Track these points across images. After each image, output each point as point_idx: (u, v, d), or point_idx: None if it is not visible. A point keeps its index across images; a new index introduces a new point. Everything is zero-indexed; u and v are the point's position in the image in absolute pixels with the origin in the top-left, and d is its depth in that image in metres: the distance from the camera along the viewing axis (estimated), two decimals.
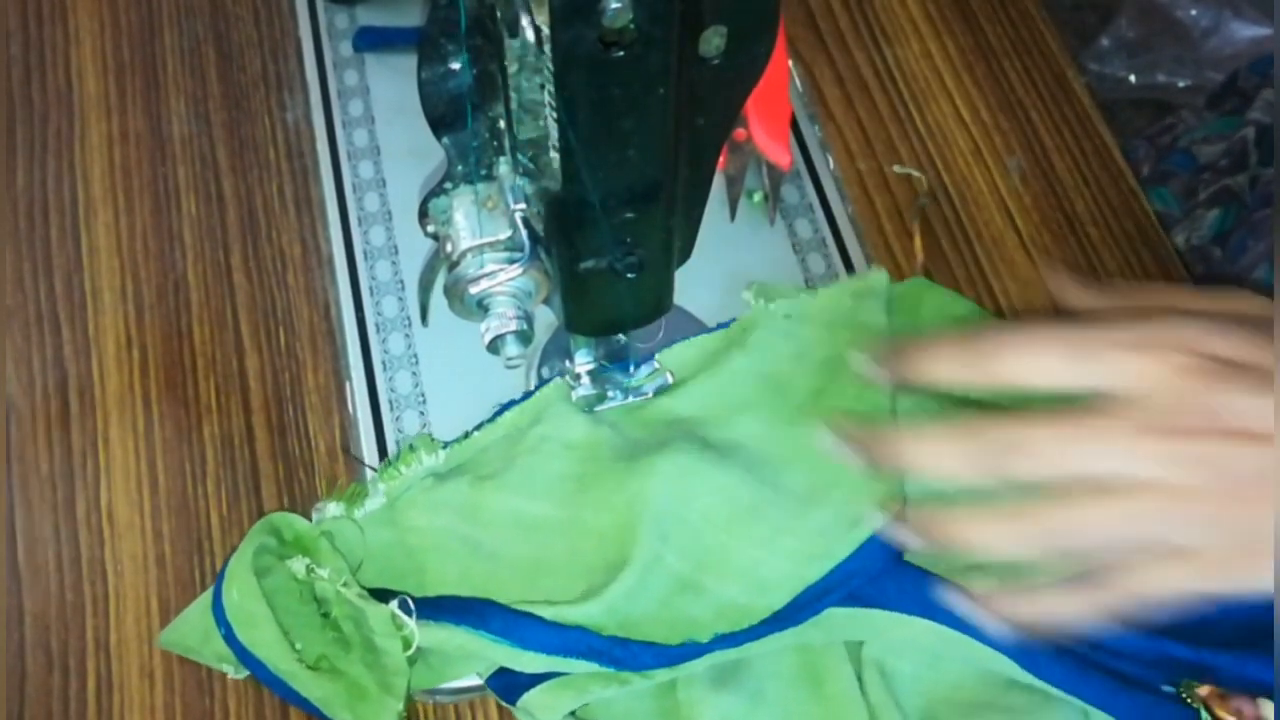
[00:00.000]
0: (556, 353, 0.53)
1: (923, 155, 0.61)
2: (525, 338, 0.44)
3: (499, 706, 0.49)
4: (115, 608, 0.50)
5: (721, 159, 0.47)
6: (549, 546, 0.48)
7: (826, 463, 0.46)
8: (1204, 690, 0.45)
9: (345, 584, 0.46)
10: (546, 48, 0.32)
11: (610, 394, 0.51)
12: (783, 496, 0.47)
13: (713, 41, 0.34)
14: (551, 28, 0.31)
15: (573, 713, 0.46)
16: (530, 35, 0.35)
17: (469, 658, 0.46)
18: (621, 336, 0.49)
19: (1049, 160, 0.62)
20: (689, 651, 0.45)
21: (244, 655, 0.45)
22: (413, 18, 0.63)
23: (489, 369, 0.50)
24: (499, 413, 0.51)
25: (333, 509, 0.49)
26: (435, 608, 0.46)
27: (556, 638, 0.44)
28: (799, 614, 0.46)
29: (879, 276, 0.54)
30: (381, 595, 0.46)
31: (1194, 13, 1.50)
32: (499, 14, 0.36)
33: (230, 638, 0.45)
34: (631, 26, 0.31)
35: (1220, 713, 0.44)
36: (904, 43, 0.65)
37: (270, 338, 0.56)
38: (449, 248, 0.43)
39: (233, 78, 0.63)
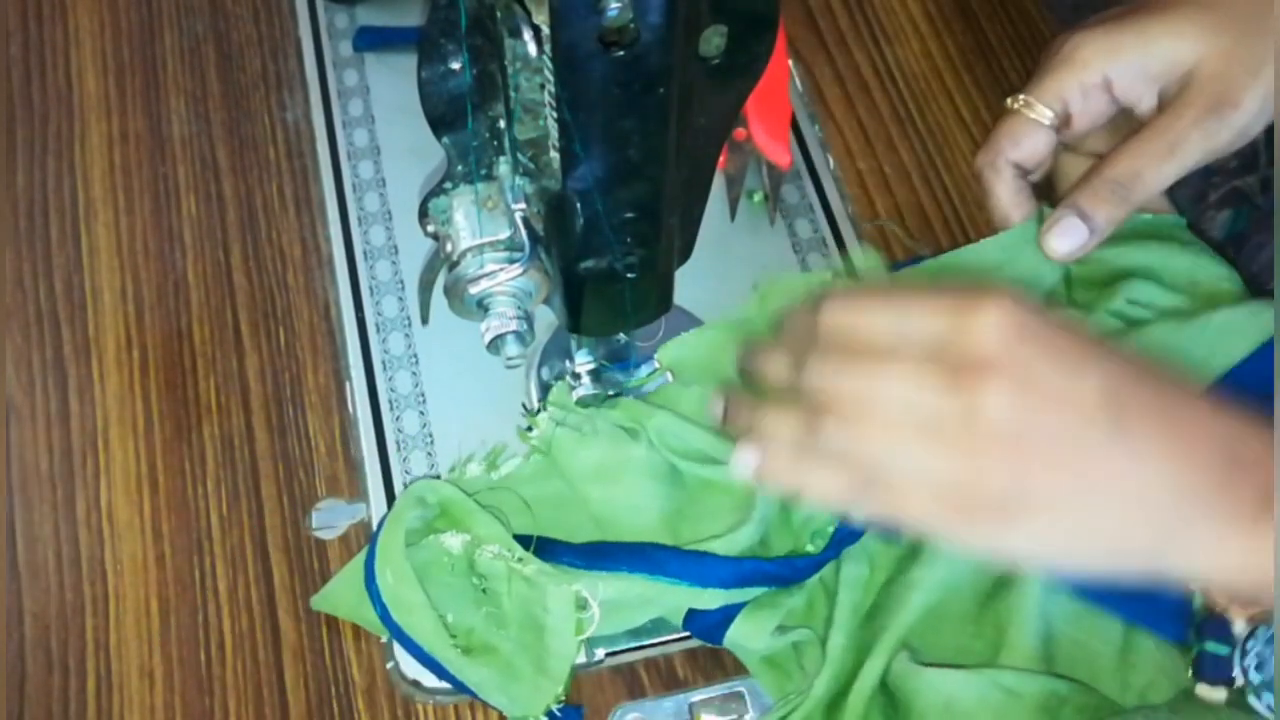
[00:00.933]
0: (556, 353, 0.53)
1: (923, 155, 0.61)
2: (525, 338, 0.44)
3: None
4: (115, 608, 0.50)
5: (721, 159, 0.47)
6: (682, 495, 0.49)
7: None
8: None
9: (520, 559, 0.46)
10: (546, 48, 0.32)
11: (610, 394, 0.51)
12: None
13: (713, 41, 0.34)
14: (551, 28, 0.31)
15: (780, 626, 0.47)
16: (530, 35, 0.35)
17: (647, 604, 0.47)
18: (621, 336, 0.49)
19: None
20: (834, 549, 0.47)
21: (400, 635, 0.46)
22: (413, 18, 0.63)
23: (489, 369, 0.50)
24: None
25: (474, 468, 0.50)
26: (604, 556, 0.47)
27: (733, 570, 0.46)
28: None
29: (870, 260, 0.54)
30: (541, 546, 0.47)
31: None
32: (499, 14, 0.36)
33: (386, 618, 0.46)
34: (631, 26, 0.31)
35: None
36: (904, 42, 0.65)
37: (270, 338, 0.56)
38: (449, 247, 0.43)
39: (233, 77, 0.63)
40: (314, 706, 0.48)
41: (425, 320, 0.49)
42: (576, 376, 0.50)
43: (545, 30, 0.32)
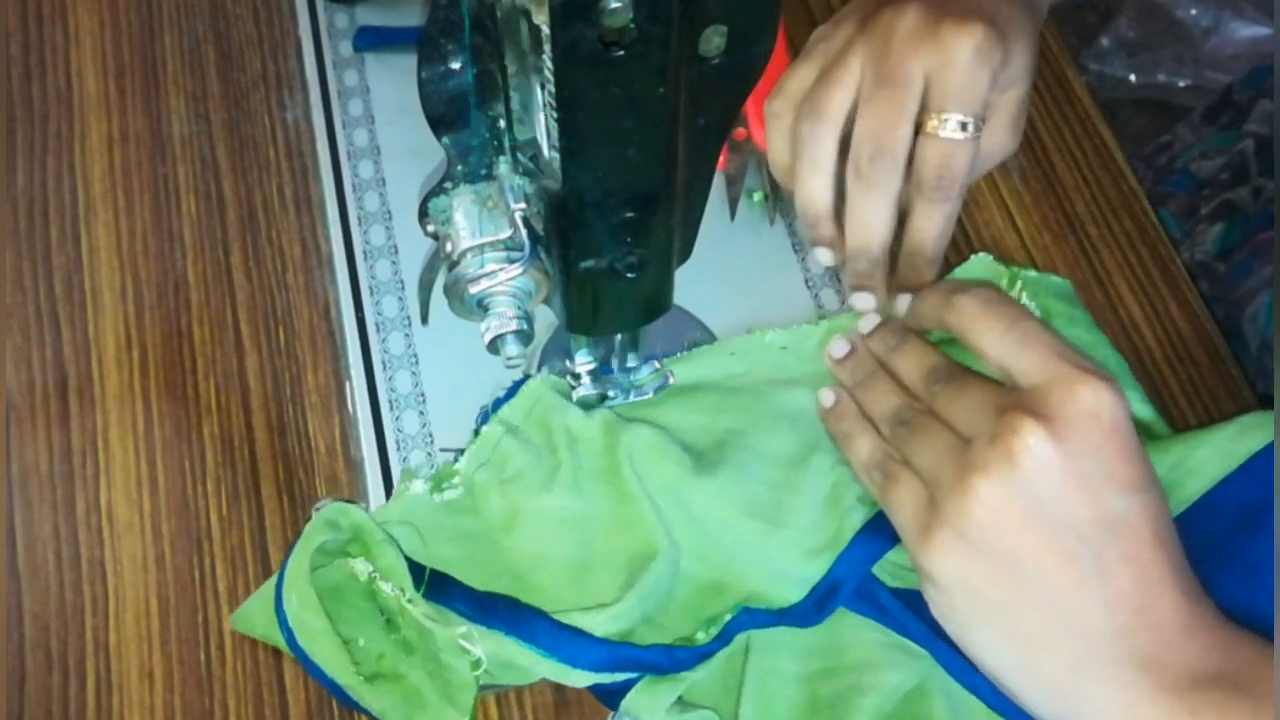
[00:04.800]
0: (556, 353, 0.53)
1: None
2: (525, 338, 0.44)
3: (497, 704, 0.49)
4: (115, 608, 0.50)
5: (721, 159, 0.47)
6: (589, 542, 0.48)
7: (805, 458, 0.49)
8: None
9: (410, 600, 0.46)
10: (546, 47, 0.32)
11: (610, 394, 0.51)
12: (778, 494, 0.48)
13: (713, 41, 0.34)
14: (551, 27, 0.31)
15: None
16: (530, 35, 0.35)
17: (523, 670, 0.46)
18: (621, 336, 0.49)
19: (1049, 160, 0.62)
20: (723, 637, 0.46)
21: (305, 660, 0.46)
22: (413, 18, 0.63)
23: (489, 369, 0.50)
24: (485, 418, 0.51)
25: (419, 486, 0.49)
26: (491, 613, 0.46)
27: (603, 653, 0.45)
28: (814, 615, 0.47)
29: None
30: (438, 584, 0.47)
31: (1194, 13, 1.51)
32: (499, 14, 0.36)
33: (292, 642, 0.46)
34: (631, 26, 0.31)
35: None
36: None
37: (270, 338, 0.56)
38: (449, 247, 0.43)
39: (232, 77, 0.63)
40: (314, 707, 0.48)
41: (425, 320, 0.49)
42: (576, 376, 0.50)
43: (545, 30, 0.31)
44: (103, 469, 0.53)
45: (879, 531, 0.47)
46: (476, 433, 0.50)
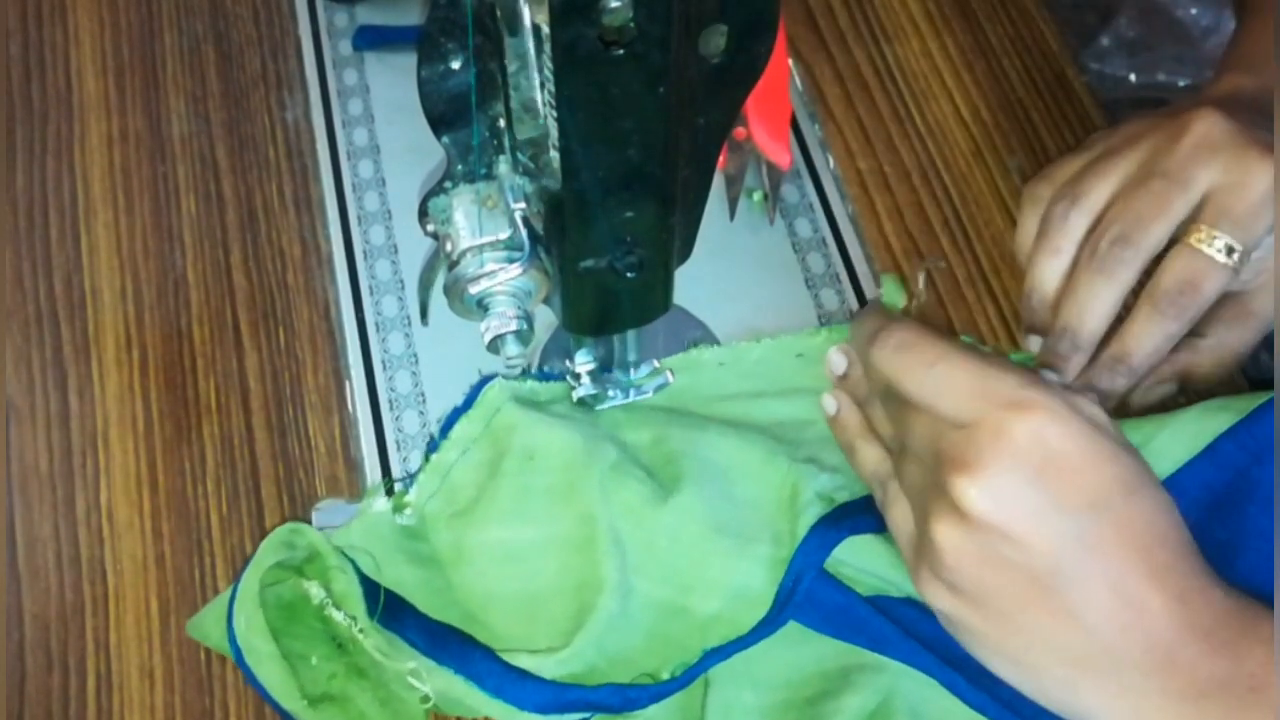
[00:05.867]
0: (556, 353, 0.53)
1: (923, 155, 0.61)
2: (525, 338, 0.44)
3: None
4: (115, 608, 0.50)
5: (721, 159, 0.47)
6: (539, 574, 0.47)
7: (768, 470, 0.48)
8: None
9: (362, 630, 0.45)
10: (546, 47, 0.32)
11: (610, 393, 0.51)
12: (740, 508, 0.48)
13: (713, 41, 0.34)
14: (551, 26, 0.31)
15: None
16: (530, 34, 0.35)
17: (473, 708, 0.45)
18: (621, 336, 0.49)
19: (1049, 160, 0.61)
20: (683, 679, 0.45)
21: (252, 679, 0.46)
22: (412, 17, 0.63)
23: (489, 369, 0.50)
24: (447, 427, 0.50)
25: (380, 504, 0.49)
26: (442, 647, 0.45)
27: (549, 694, 0.44)
28: (779, 617, 0.46)
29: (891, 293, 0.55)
30: (393, 609, 0.46)
31: (1194, 12, 1.50)
32: (499, 13, 0.36)
33: (240, 661, 0.46)
34: (631, 25, 0.31)
35: None
36: (904, 42, 0.65)
37: (270, 338, 0.56)
38: (449, 247, 0.43)
39: (232, 77, 0.63)
40: None
41: (425, 320, 0.49)
42: (576, 376, 0.50)
43: (545, 30, 0.31)
44: (103, 469, 0.53)
45: (835, 523, 0.46)
46: (428, 457, 0.49)
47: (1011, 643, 0.39)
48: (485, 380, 0.51)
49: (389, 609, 0.46)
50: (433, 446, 0.50)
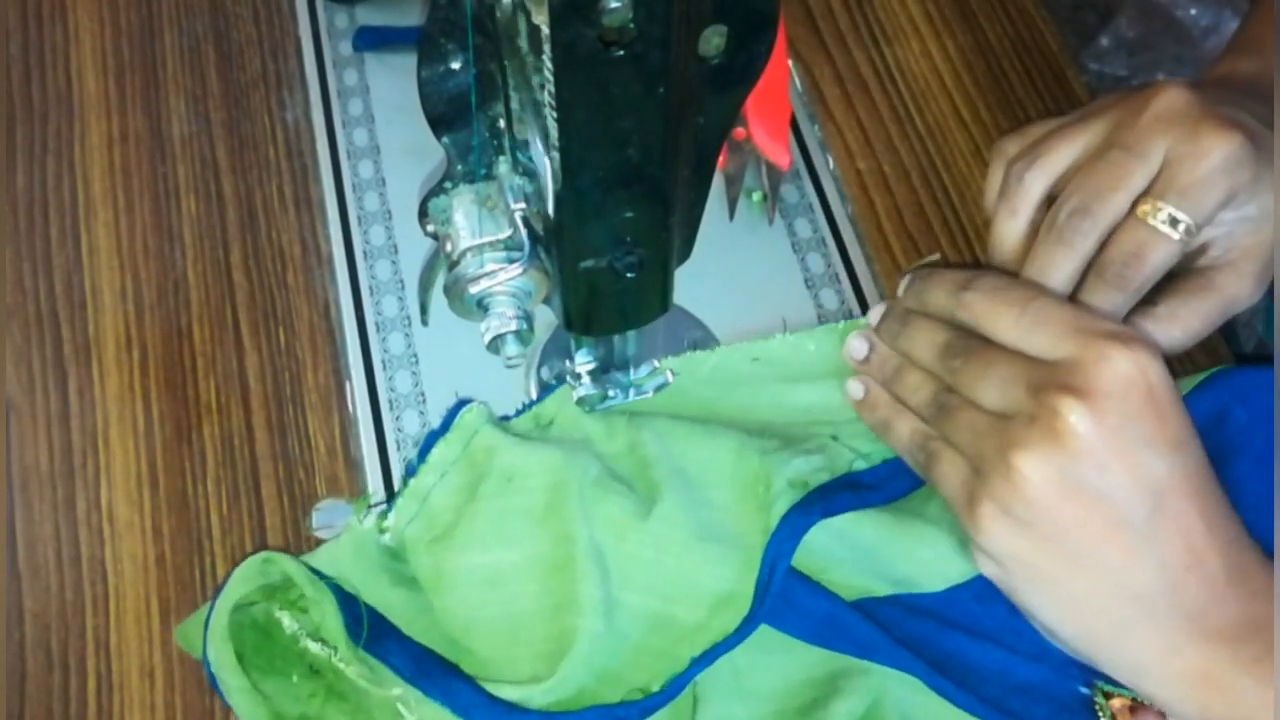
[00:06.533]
0: (556, 353, 0.53)
1: (922, 155, 0.61)
2: (525, 338, 0.44)
3: None
4: (115, 607, 0.50)
5: (721, 159, 0.47)
6: (519, 597, 0.47)
7: (741, 468, 0.47)
8: (1116, 702, 0.45)
9: (343, 659, 0.45)
10: (546, 47, 0.32)
11: (610, 393, 0.51)
12: (717, 512, 0.47)
13: (713, 41, 0.34)
14: (551, 27, 0.31)
15: None
16: (529, 35, 0.35)
17: None
18: (621, 336, 0.49)
19: None
20: (671, 690, 0.45)
21: (227, 703, 0.46)
22: (412, 17, 0.63)
23: (489, 369, 0.50)
24: (425, 450, 0.50)
25: (369, 523, 0.48)
26: (427, 675, 0.45)
27: None
28: (760, 611, 0.46)
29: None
30: (377, 634, 0.46)
31: (1194, 12, 1.50)
32: (499, 14, 0.36)
33: (215, 685, 0.46)
34: (631, 26, 0.31)
35: None
36: (904, 42, 0.65)
37: (270, 338, 0.56)
38: (449, 247, 0.43)
39: (232, 77, 0.63)
40: None
41: (425, 320, 0.49)
42: (577, 376, 0.50)
43: (545, 30, 0.31)
44: (103, 469, 0.53)
45: (806, 510, 0.46)
46: (406, 481, 0.49)
47: (1078, 583, 0.39)
48: (462, 404, 0.50)
49: (372, 631, 0.46)
50: (411, 470, 0.50)
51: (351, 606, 0.46)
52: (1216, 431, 0.43)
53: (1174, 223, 0.43)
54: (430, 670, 0.45)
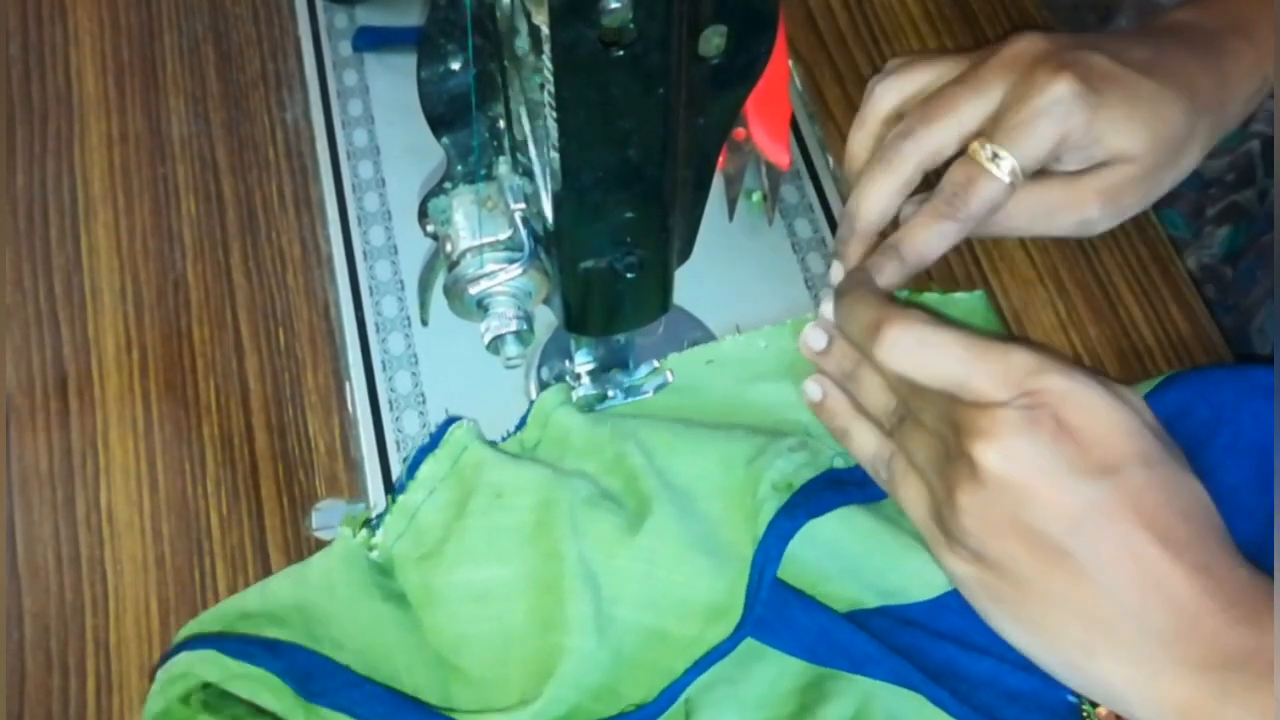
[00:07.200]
0: (556, 353, 0.53)
1: None
2: (525, 338, 0.44)
3: None
4: (115, 608, 0.50)
5: (721, 159, 0.47)
6: (509, 613, 0.46)
7: (728, 477, 0.47)
8: (1103, 711, 0.45)
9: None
10: (546, 47, 0.32)
11: (610, 394, 0.51)
12: (706, 524, 0.47)
13: (713, 41, 0.34)
14: (551, 27, 0.31)
15: None
16: (529, 35, 0.35)
17: None
18: (621, 336, 0.49)
19: None
20: (662, 701, 0.45)
21: None
22: (412, 18, 0.63)
23: (489, 369, 0.50)
24: (413, 467, 0.49)
25: (363, 535, 0.48)
26: (398, 712, 0.44)
27: None
28: (751, 619, 0.45)
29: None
30: (327, 675, 0.45)
31: None
32: (499, 14, 0.36)
33: None
34: (631, 26, 0.31)
35: None
36: (904, 42, 0.65)
37: (270, 338, 0.56)
38: (449, 247, 0.43)
39: (232, 77, 0.63)
40: None
41: (425, 321, 0.49)
42: (576, 376, 0.50)
43: (545, 30, 0.31)
44: (103, 469, 0.53)
45: (791, 513, 0.45)
46: (394, 498, 0.49)
47: (1031, 609, 0.39)
48: (450, 420, 0.50)
49: (333, 681, 0.44)
50: (399, 487, 0.49)
51: (300, 661, 0.45)
52: (1178, 427, 0.43)
53: (997, 159, 0.45)
54: (401, 709, 0.44)
